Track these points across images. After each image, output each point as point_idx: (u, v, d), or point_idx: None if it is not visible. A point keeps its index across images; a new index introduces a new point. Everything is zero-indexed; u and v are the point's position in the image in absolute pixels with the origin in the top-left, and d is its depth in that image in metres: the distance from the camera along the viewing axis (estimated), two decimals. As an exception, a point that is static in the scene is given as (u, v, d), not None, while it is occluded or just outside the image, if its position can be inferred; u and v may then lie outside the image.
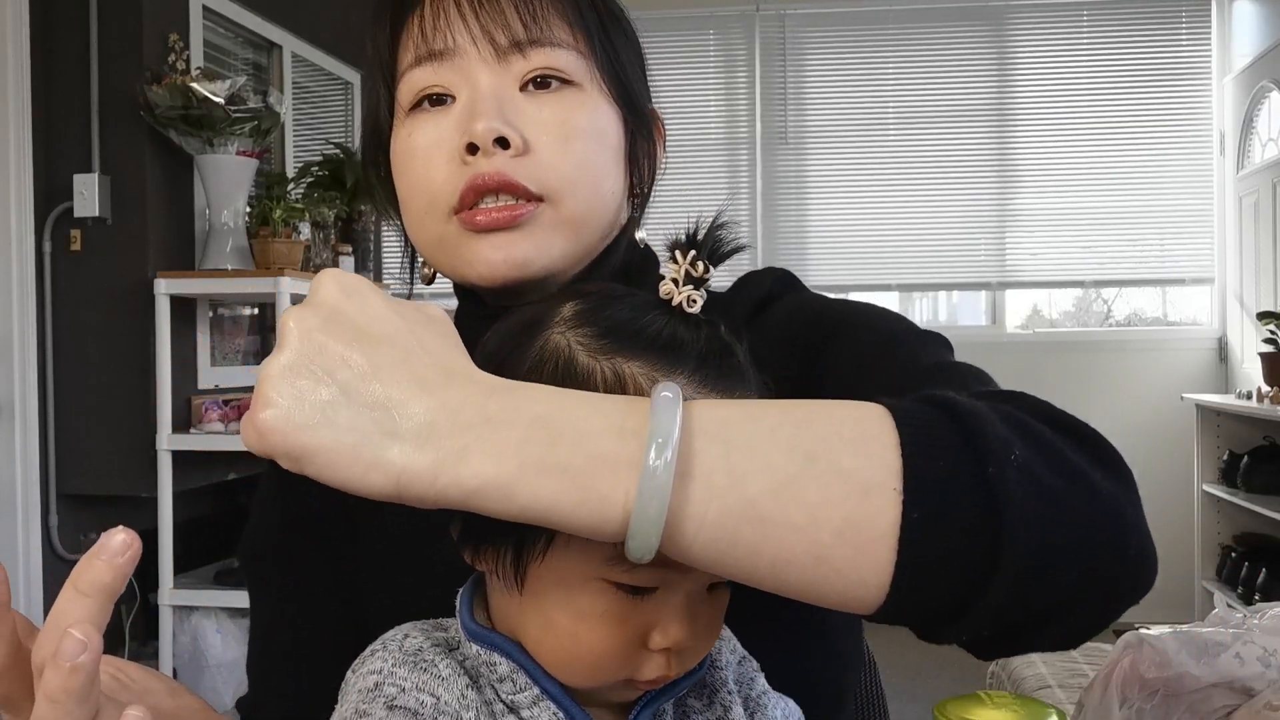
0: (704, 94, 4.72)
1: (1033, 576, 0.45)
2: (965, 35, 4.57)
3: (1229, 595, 3.62)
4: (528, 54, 0.71)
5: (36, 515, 2.88)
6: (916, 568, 0.45)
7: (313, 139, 3.94)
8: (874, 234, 4.61)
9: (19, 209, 2.86)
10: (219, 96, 2.83)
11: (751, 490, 0.45)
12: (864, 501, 0.45)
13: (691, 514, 0.45)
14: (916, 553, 0.45)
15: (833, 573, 0.46)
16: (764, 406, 0.49)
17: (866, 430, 0.47)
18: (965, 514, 0.45)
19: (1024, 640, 0.48)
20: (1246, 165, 4.24)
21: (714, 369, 0.55)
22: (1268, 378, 3.57)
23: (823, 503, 0.45)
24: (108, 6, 2.92)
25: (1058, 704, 1.93)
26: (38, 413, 2.90)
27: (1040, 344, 4.56)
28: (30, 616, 0.51)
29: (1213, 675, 1.47)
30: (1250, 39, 4.26)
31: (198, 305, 3.09)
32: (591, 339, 0.54)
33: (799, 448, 0.46)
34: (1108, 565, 0.47)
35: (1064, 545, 0.45)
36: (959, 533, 0.45)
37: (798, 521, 0.45)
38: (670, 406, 0.46)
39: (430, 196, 0.71)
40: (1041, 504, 0.45)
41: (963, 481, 0.45)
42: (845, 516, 0.45)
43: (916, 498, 0.45)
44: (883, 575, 0.45)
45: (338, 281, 0.48)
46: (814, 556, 0.45)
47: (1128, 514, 0.48)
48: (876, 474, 0.45)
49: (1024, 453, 0.46)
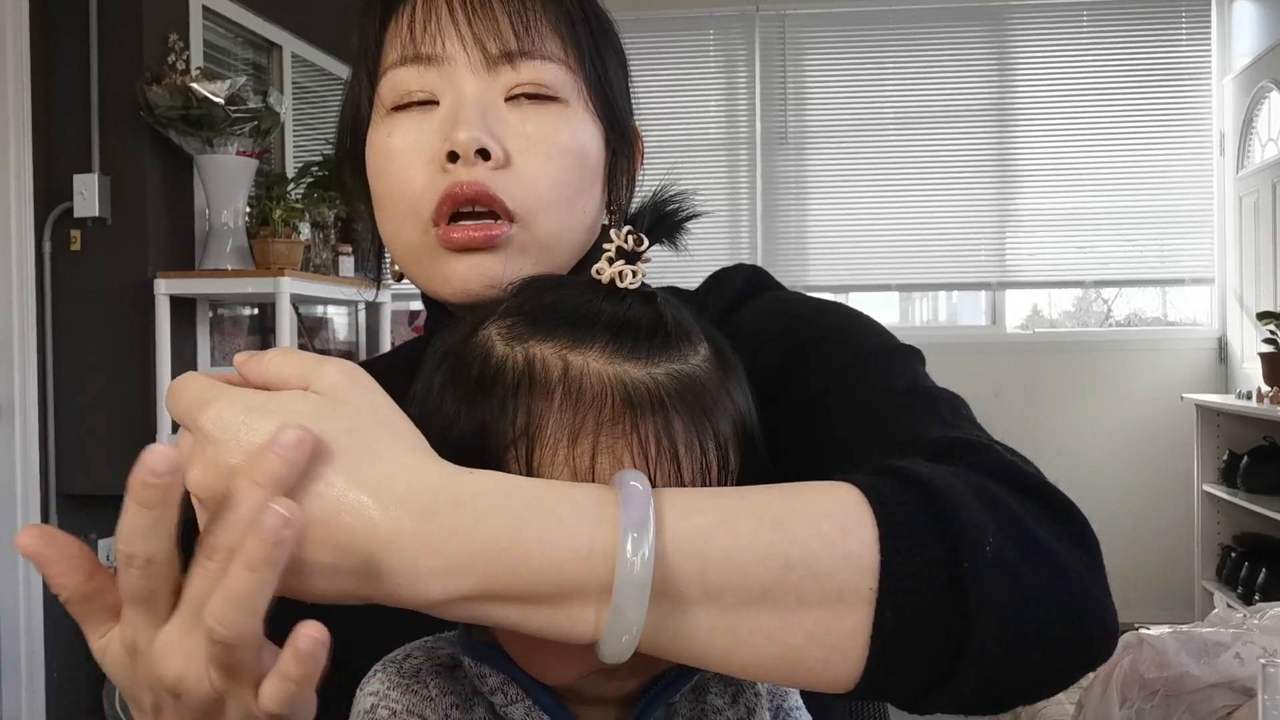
0: (704, 94, 4.72)
1: (999, 667, 0.46)
2: (965, 35, 4.57)
3: (1229, 595, 3.62)
4: (518, 65, 0.70)
5: (36, 515, 2.88)
6: (887, 664, 0.46)
7: (313, 139, 3.94)
8: (874, 234, 4.61)
9: (19, 209, 2.86)
10: (219, 96, 2.83)
11: (726, 601, 0.45)
12: (838, 605, 0.46)
13: (664, 629, 0.46)
14: (887, 649, 0.46)
15: (804, 670, 0.46)
16: (740, 505, 0.47)
17: (845, 526, 0.46)
18: (937, 612, 0.45)
19: (990, 708, 0.49)
20: (1246, 165, 4.24)
21: (631, 338, 0.53)
22: (1268, 378, 3.57)
23: (797, 608, 0.45)
24: (108, 6, 2.92)
25: (1058, 704, 1.93)
26: (38, 413, 2.90)
27: (1040, 344, 4.55)
28: (30, 616, 0.51)
29: (1213, 675, 1.47)
30: (1250, 39, 4.26)
31: (197, 305, 3.09)
32: (510, 327, 0.55)
33: (775, 555, 0.45)
34: (1072, 650, 0.48)
35: (1032, 636, 0.46)
36: (930, 631, 0.45)
37: (771, 629, 0.46)
38: (643, 525, 0.44)
39: (409, 202, 0.69)
40: (1012, 598, 0.45)
41: (937, 579, 0.45)
42: (818, 621, 0.46)
43: (890, 597, 0.45)
44: (854, 669, 0.46)
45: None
46: (786, 659, 0.46)
47: (1093, 593, 0.49)
48: (852, 576, 0.46)
49: (997, 539, 0.46)
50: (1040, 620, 0.46)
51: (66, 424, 2.94)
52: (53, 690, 2.89)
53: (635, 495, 0.45)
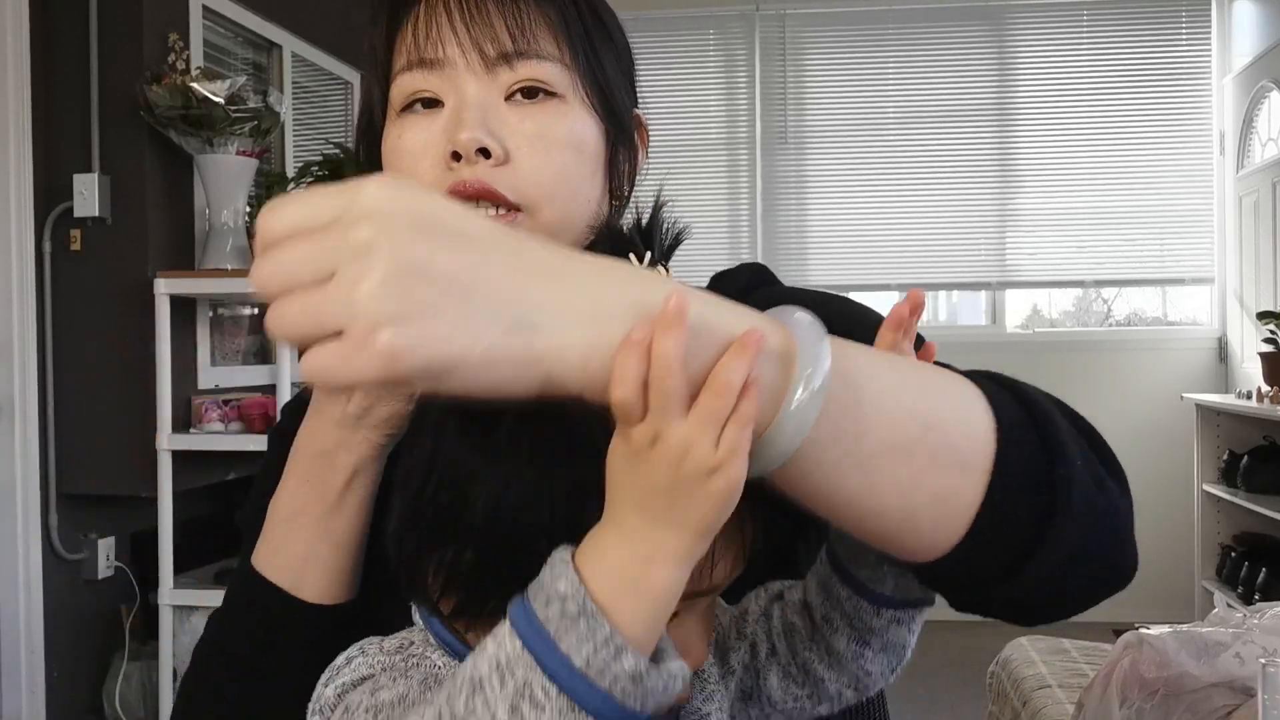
0: (704, 94, 4.72)
1: (1060, 569, 0.52)
2: (965, 35, 4.57)
3: (1229, 595, 3.62)
4: (515, 65, 0.73)
5: (36, 515, 2.88)
6: (979, 542, 0.51)
7: (313, 139, 3.94)
8: (874, 234, 4.61)
9: (19, 209, 2.86)
10: (219, 96, 2.82)
11: (870, 445, 0.48)
12: (961, 475, 0.50)
13: (809, 454, 0.47)
14: (985, 529, 0.50)
15: (913, 531, 0.51)
16: (887, 363, 0.52)
17: (971, 411, 0.52)
18: (1030, 505, 0.51)
19: (1024, 616, 0.55)
20: (1246, 165, 4.24)
21: None
22: (1268, 377, 3.57)
23: (929, 469, 0.50)
24: (108, 6, 2.92)
25: (1058, 704, 1.93)
26: (38, 413, 2.90)
27: (1040, 344, 4.55)
28: (30, 616, 0.51)
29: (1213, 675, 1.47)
30: (1250, 39, 4.26)
31: (198, 305, 3.09)
32: None
33: (918, 414, 0.50)
34: (1113, 571, 0.55)
35: (1092, 548, 0.53)
36: (1022, 519, 0.51)
37: (901, 481, 0.49)
38: (818, 340, 0.47)
39: None
40: (1085, 511, 0.52)
41: (1036, 476, 0.51)
42: (944, 485, 0.50)
43: (1000, 481, 0.50)
44: (951, 541, 0.51)
45: (400, 188, 0.43)
46: (906, 514, 0.50)
47: (1131, 533, 0.56)
48: (975, 455, 0.51)
49: (1079, 459, 0.53)
50: (1098, 539, 0.53)
51: (66, 424, 2.94)
52: (53, 690, 2.89)
53: (807, 319, 0.48)
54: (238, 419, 2.95)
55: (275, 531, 0.74)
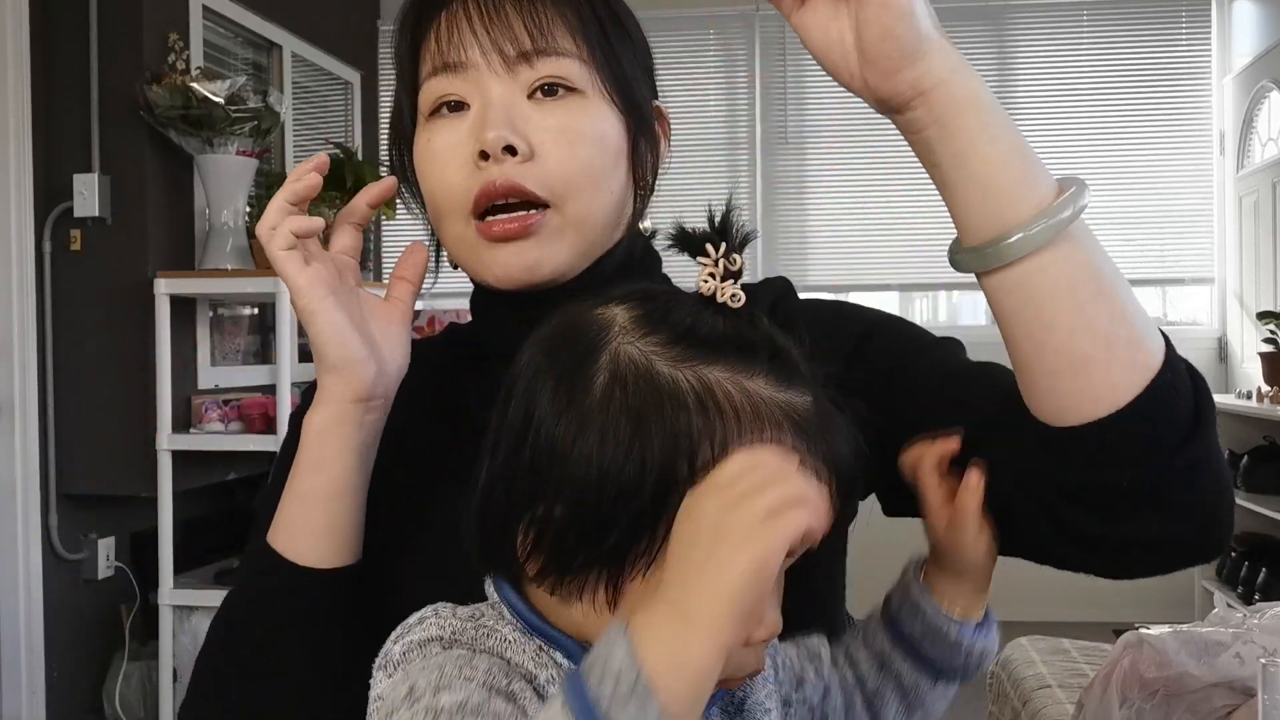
0: (704, 94, 4.71)
1: (1200, 471, 0.59)
2: (965, 35, 4.57)
3: (1229, 595, 3.62)
4: (534, 64, 0.76)
5: (36, 515, 2.88)
6: (1149, 406, 0.58)
7: (313, 139, 3.94)
8: (874, 234, 4.61)
9: (19, 209, 2.86)
10: (219, 96, 2.83)
11: (1097, 263, 0.59)
12: (1143, 346, 0.59)
13: (1058, 248, 0.58)
14: (1160, 391, 0.58)
15: (1104, 365, 0.58)
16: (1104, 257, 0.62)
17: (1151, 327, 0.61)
18: (1185, 410, 0.59)
19: (1138, 555, 0.62)
20: (1246, 165, 4.24)
21: (780, 365, 0.56)
22: (1268, 377, 3.57)
23: (1134, 313, 0.59)
24: (108, 6, 2.92)
25: (1058, 704, 1.93)
26: (38, 413, 2.90)
27: (1040, 344, 4.55)
28: (30, 616, 0.51)
29: (1213, 675, 1.47)
30: (1250, 39, 4.26)
31: (198, 305, 3.09)
32: (663, 346, 0.55)
33: (1123, 288, 0.60)
34: (1225, 523, 0.62)
35: (1218, 486, 0.61)
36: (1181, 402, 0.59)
37: (1117, 310, 0.58)
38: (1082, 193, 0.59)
39: (452, 200, 0.76)
40: (1215, 452, 0.60)
41: (1188, 400, 0.59)
42: (1143, 332, 0.59)
43: (1166, 376, 0.59)
44: (1129, 393, 0.58)
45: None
46: (1106, 342, 0.58)
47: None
48: (1153, 342, 0.60)
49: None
50: (1219, 486, 0.61)
51: (66, 424, 2.94)
52: (53, 690, 2.89)
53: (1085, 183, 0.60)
54: (237, 419, 2.95)
55: (282, 507, 0.75)
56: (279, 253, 0.74)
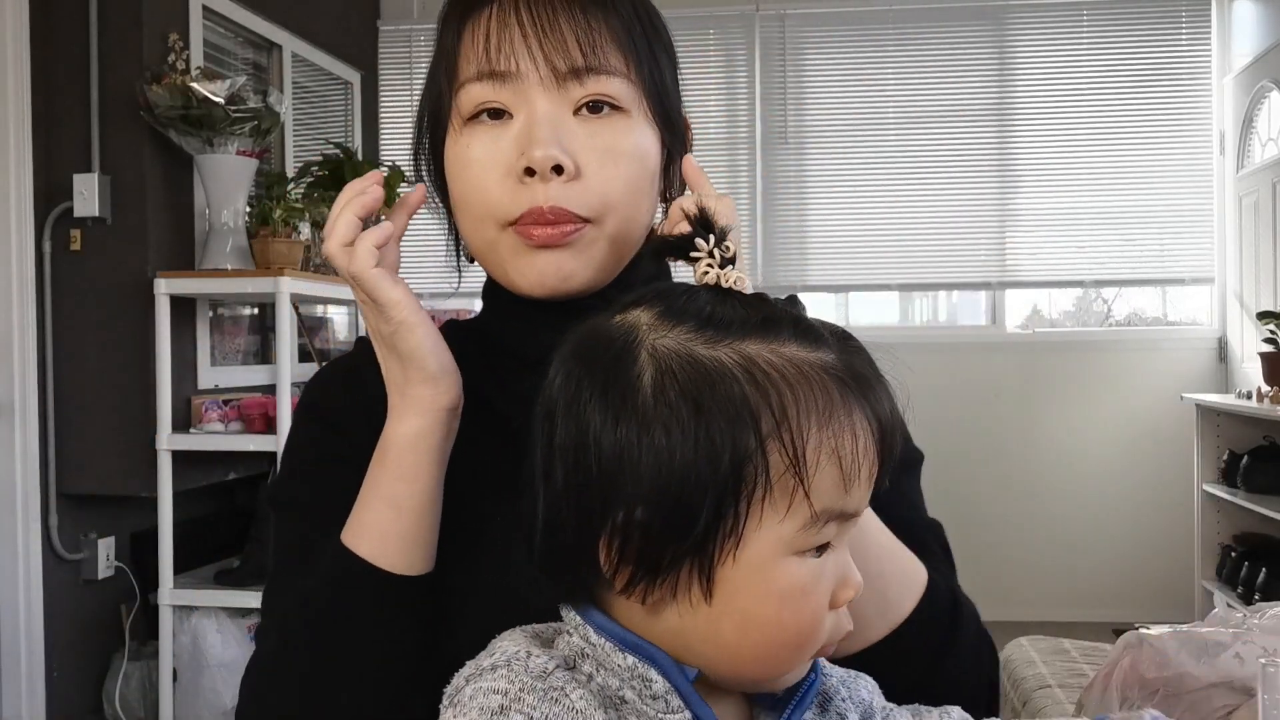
0: (704, 94, 4.71)
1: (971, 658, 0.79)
2: (965, 35, 4.57)
3: (1229, 595, 3.62)
4: (584, 81, 0.75)
5: (36, 515, 2.88)
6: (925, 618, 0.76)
7: (313, 139, 3.94)
8: (874, 234, 4.61)
9: (19, 209, 2.86)
10: (219, 96, 2.83)
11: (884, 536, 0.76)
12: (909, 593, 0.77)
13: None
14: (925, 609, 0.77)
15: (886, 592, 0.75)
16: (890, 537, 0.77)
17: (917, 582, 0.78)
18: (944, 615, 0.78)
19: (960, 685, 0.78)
20: (1246, 165, 4.24)
21: (804, 331, 0.58)
22: (1268, 377, 3.57)
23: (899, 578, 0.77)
24: (108, 6, 2.92)
25: (1058, 704, 1.93)
26: (38, 413, 2.90)
27: (1040, 344, 4.55)
28: (30, 616, 0.51)
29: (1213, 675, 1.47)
30: (1250, 39, 4.26)
31: (197, 305, 3.09)
32: (694, 333, 0.57)
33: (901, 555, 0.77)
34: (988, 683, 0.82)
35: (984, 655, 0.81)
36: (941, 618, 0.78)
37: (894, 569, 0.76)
38: None
39: (488, 208, 0.76)
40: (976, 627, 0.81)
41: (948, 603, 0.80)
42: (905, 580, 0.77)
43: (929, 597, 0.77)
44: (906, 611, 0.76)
45: None
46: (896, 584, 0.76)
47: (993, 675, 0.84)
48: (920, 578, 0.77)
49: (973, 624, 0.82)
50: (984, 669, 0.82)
51: (66, 424, 2.94)
52: (53, 690, 2.89)
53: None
54: (237, 419, 2.95)
55: (365, 514, 0.74)
56: (369, 270, 0.73)
